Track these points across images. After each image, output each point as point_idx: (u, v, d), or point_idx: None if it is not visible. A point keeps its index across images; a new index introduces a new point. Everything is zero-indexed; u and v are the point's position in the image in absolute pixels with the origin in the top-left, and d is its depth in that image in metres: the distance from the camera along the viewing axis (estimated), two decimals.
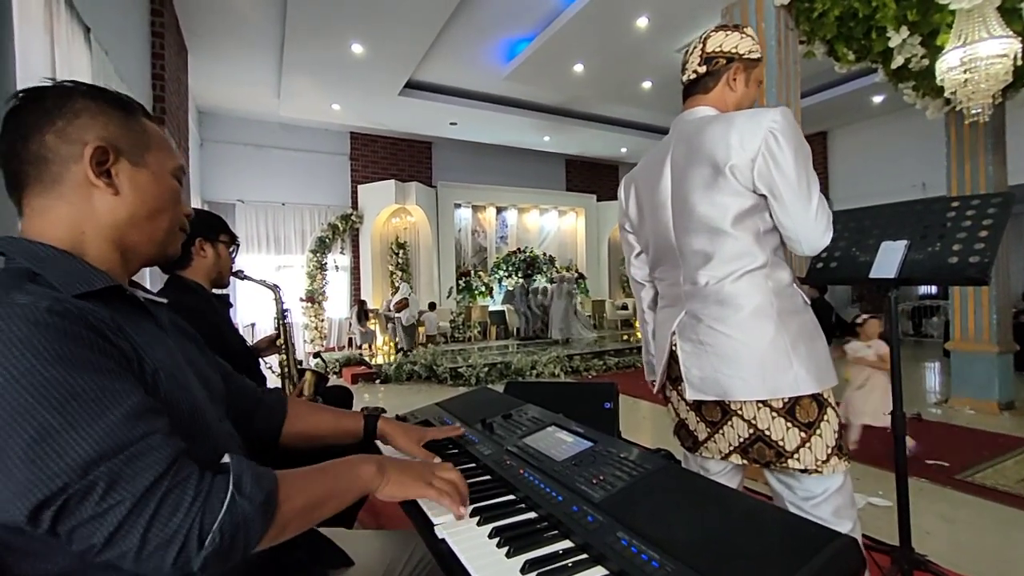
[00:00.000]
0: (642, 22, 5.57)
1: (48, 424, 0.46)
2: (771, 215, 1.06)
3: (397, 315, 7.85)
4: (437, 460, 0.92)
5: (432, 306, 8.70)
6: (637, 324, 10.65)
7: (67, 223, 0.61)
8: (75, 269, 0.58)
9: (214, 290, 1.59)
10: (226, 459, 0.57)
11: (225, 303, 1.64)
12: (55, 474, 0.46)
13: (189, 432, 0.57)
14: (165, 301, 0.74)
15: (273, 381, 1.71)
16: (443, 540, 0.67)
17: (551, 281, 10.61)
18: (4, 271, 0.56)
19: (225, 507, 0.51)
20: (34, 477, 0.45)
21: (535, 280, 10.39)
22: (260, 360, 1.75)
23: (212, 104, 7.74)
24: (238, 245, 1.61)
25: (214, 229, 1.54)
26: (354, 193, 9.25)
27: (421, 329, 8.40)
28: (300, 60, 6.13)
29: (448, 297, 9.66)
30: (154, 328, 0.67)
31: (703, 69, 1.16)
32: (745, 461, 1.10)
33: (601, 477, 0.74)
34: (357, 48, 5.89)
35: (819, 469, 1.04)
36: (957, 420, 3.84)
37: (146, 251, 0.68)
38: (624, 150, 10.80)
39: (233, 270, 1.62)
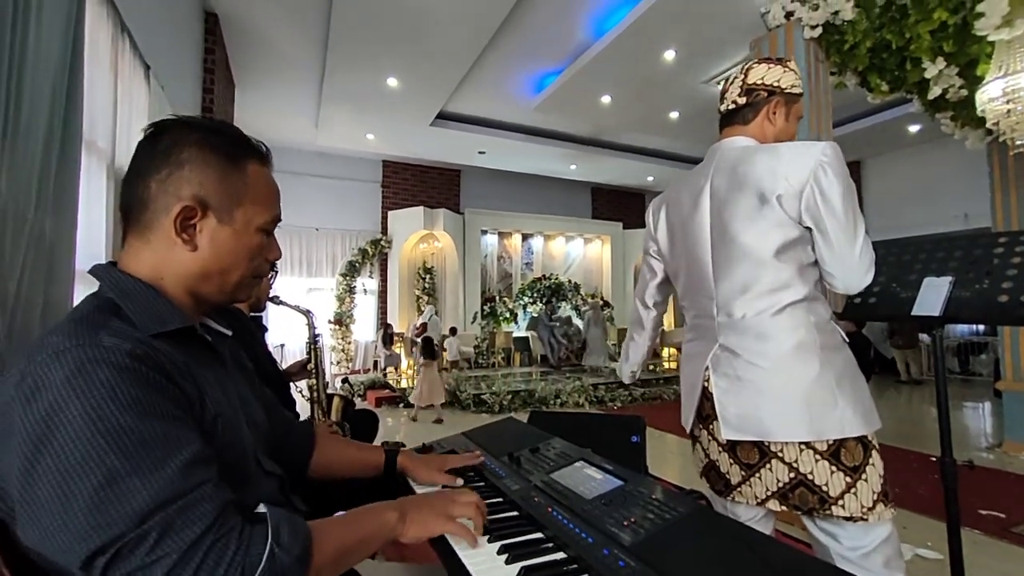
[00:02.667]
0: (669, 55, 5.64)
1: (115, 470, 0.48)
2: (813, 249, 1.03)
3: (418, 340, 7.86)
4: (460, 482, 0.93)
5: (453, 331, 8.74)
6: (664, 353, 10.46)
7: (150, 266, 0.65)
8: (155, 308, 0.62)
9: (251, 314, 1.65)
10: (262, 508, 0.59)
11: (261, 327, 1.70)
12: (113, 521, 0.47)
13: (232, 478, 0.59)
14: (230, 333, 0.77)
15: (303, 405, 1.74)
16: None
17: (576, 308, 10.54)
18: (93, 302, 0.60)
19: (265, 560, 0.52)
20: (94, 523, 0.47)
21: (559, 308, 10.32)
22: (291, 384, 1.78)
23: (255, 134, 7.76)
24: (276, 271, 1.67)
25: None
26: (384, 219, 9.50)
27: (444, 354, 8.39)
28: (338, 93, 6.42)
29: (473, 322, 9.70)
30: (218, 367, 0.70)
31: (743, 100, 1.14)
32: (784, 507, 1.04)
33: (632, 519, 0.72)
34: (392, 81, 6.14)
35: (864, 516, 0.98)
36: (1013, 467, 3.58)
37: (216, 299, 0.71)
38: (651, 178, 10.81)
39: (270, 295, 1.68)
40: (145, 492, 0.49)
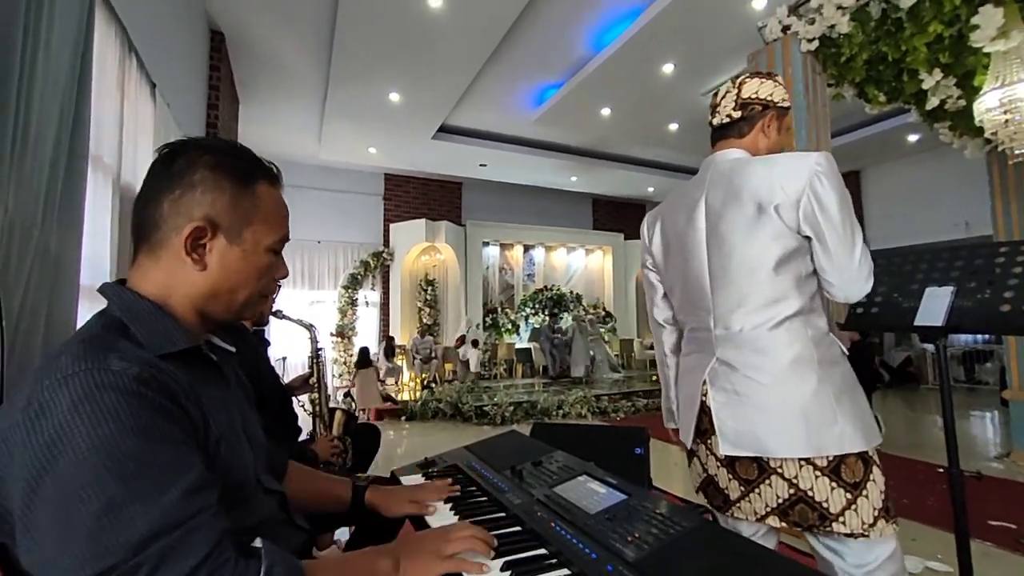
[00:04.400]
0: (668, 68, 5.71)
1: (115, 497, 0.48)
2: (812, 259, 1.03)
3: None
4: (432, 509, 0.92)
5: (476, 343, 8.97)
6: None
7: (159, 285, 0.65)
8: (162, 328, 0.62)
9: (253, 327, 1.65)
10: (258, 543, 0.58)
11: (263, 341, 1.70)
12: (109, 551, 0.47)
13: (233, 500, 0.59)
14: (233, 350, 0.77)
15: (304, 419, 1.73)
16: None
17: (578, 320, 10.55)
18: (101, 322, 0.61)
19: None
20: (91, 552, 0.47)
21: (561, 318, 10.31)
22: (293, 398, 1.78)
23: (258, 149, 7.79)
24: (280, 286, 1.67)
25: None
26: (386, 231, 9.54)
27: (452, 365, 8.47)
28: (341, 108, 6.50)
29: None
30: (222, 386, 0.70)
31: (738, 114, 1.15)
32: (784, 524, 1.02)
33: (636, 534, 0.71)
34: (394, 96, 6.22)
35: (865, 533, 0.96)
36: (1022, 477, 3.53)
37: (223, 317, 0.71)
38: (651, 189, 10.86)
39: (273, 310, 1.68)
40: (143, 520, 0.49)
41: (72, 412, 0.49)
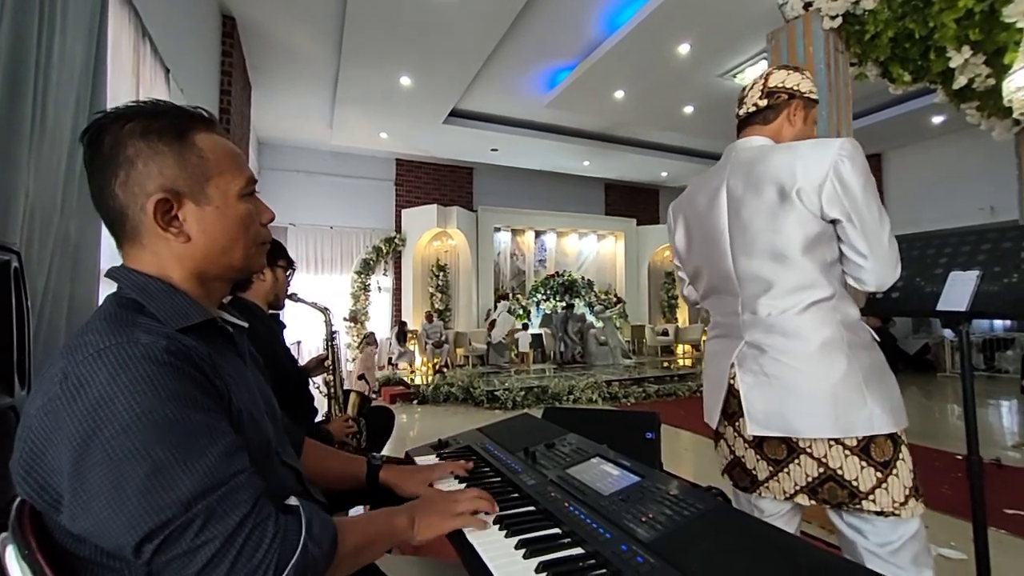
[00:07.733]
0: (684, 48, 5.57)
1: (161, 460, 0.51)
2: (840, 244, 1.03)
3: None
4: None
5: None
6: (678, 350, 10.36)
7: (156, 267, 0.64)
8: (176, 303, 0.62)
9: (269, 311, 1.67)
10: (293, 501, 0.61)
11: (279, 324, 1.72)
12: (162, 508, 0.50)
13: (257, 470, 0.60)
14: (246, 325, 0.78)
15: (320, 400, 1.76)
16: (491, 574, 0.66)
17: (589, 305, 10.52)
18: (118, 303, 0.61)
19: (300, 550, 0.55)
20: (144, 510, 0.49)
21: (572, 306, 10.29)
22: (309, 380, 1.81)
23: (270, 135, 8.25)
24: (294, 269, 1.69)
25: (273, 254, 1.63)
26: (398, 217, 9.56)
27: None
28: (352, 93, 6.47)
29: (486, 319, 9.74)
30: (238, 360, 0.71)
31: (764, 102, 1.16)
32: (813, 502, 1.04)
33: (650, 515, 0.71)
34: (405, 80, 6.17)
35: (896, 512, 0.98)
36: None
37: (228, 277, 0.71)
38: (665, 174, 10.71)
39: (288, 293, 1.70)
40: (189, 480, 0.51)
41: (111, 382, 0.51)
